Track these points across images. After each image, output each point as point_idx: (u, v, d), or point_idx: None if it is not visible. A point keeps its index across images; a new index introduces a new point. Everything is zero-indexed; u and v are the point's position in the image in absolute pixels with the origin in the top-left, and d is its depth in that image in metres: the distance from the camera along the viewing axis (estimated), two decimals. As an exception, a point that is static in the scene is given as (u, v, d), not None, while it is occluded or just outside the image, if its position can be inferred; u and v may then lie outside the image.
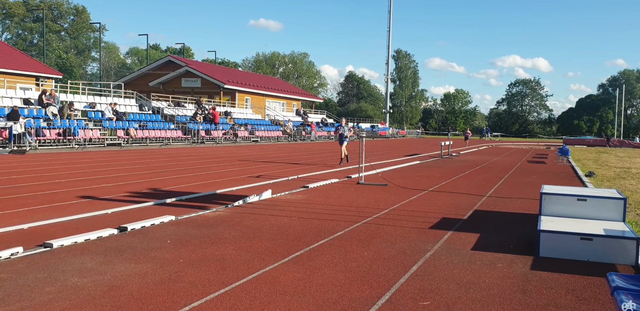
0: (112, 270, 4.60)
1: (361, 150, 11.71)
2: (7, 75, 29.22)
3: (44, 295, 3.92)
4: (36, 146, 20.28)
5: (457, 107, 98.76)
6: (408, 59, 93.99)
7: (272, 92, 49.03)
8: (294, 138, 39.71)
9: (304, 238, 6.00)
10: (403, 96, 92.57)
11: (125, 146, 24.48)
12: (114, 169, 13.71)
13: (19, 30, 76.43)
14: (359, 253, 5.35)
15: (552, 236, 5.45)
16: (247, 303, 3.84)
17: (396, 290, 4.20)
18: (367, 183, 11.49)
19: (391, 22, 68.69)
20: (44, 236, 5.77)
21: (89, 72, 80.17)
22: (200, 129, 30.01)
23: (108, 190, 9.55)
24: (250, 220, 6.99)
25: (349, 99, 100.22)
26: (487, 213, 8.06)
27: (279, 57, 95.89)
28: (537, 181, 13.02)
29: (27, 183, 10.26)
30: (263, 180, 11.76)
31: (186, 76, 42.89)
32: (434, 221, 7.24)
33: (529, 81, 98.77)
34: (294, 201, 8.83)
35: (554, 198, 6.59)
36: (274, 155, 21.36)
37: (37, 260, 4.86)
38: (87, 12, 78.99)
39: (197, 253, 5.24)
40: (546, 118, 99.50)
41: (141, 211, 7.52)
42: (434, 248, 5.63)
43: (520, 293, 4.22)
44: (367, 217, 7.39)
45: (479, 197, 9.83)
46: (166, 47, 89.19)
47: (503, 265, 5.04)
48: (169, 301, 3.84)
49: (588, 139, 50.44)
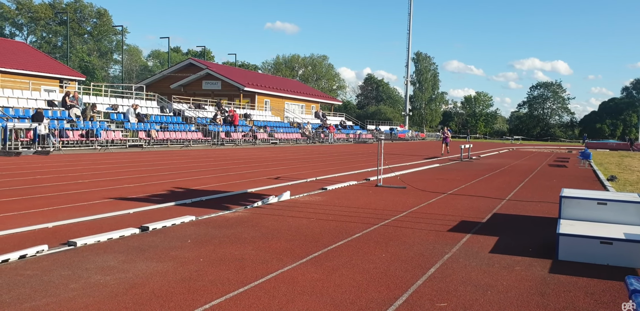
0: (134, 268, 4.69)
1: (380, 152, 11.73)
2: (32, 77, 29.79)
3: (69, 291, 4.02)
4: (60, 147, 20.64)
5: (478, 110, 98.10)
6: (428, 61, 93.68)
7: (291, 94, 49.21)
8: (313, 140, 39.81)
9: (322, 239, 6.04)
10: (423, 98, 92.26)
11: (146, 147, 24.78)
12: (136, 170, 13.91)
13: (43, 33, 77.80)
14: (376, 255, 5.38)
15: (571, 239, 5.42)
16: (265, 302, 3.90)
17: (413, 292, 4.23)
18: (385, 186, 11.50)
19: (411, 25, 68.57)
20: (68, 234, 5.90)
21: (111, 74, 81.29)
22: (220, 131, 30.25)
23: (130, 190, 9.70)
24: (269, 221, 7.06)
25: (368, 102, 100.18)
26: (506, 216, 8.03)
27: (298, 60, 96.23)
28: (558, 184, 12.90)
29: (52, 183, 10.46)
30: (282, 182, 11.84)
31: (207, 79, 43.29)
32: (452, 224, 7.23)
33: (550, 84, 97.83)
34: (312, 202, 8.88)
35: (573, 201, 6.55)
36: (293, 157, 21.46)
37: (61, 257, 4.98)
38: (109, 15, 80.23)
39: (217, 252, 5.32)
40: (568, 121, 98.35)
41: (162, 211, 7.63)
42: (452, 251, 5.63)
43: (538, 296, 4.21)
44: (385, 219, 7.41)
45: (499, 200, 9.78)
46: (187, 50, 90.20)
47: (521, 268, 5.03)
48: (189, 299, 3.92)
49: (611, 143, 49.73)
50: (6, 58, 30.51)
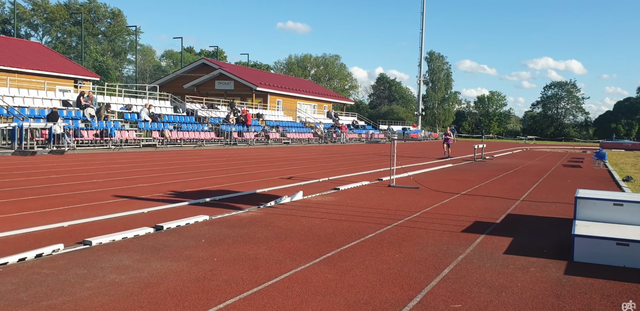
0: (148, 267, 4.72)
1: (393, 152, 11.70)
2: (48, 77, 30.09)
3: (84, 290, 4.06)
4: (74, 147, 20.83)
5: (492, 109, 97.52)
6: (441, 60, 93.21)
7: (303, 94, 49.26)
8: (325, 140, 39.81)
9: (335, 239, 6.04)
10: (436, 98, 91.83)
11: (160, 147, 24.93)
12: (150, 169, 14.00)
13: (58, 33, 78.53)
14: (390, 255, 5.37)
15: (587, 241, 5.37)
16: (279, 302, 3.90)
17: (427, 293, 4.21)
18: (398, 186, 11.47)
19: (424, 24, 68.34)
20: (83, 233, 5.95)
21: (125, 74, 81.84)
22: (232, 130, 30.36)
23: (144, 190, 9.77)
24: (282, 221, 7.07)
25: (380, 102, 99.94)
26: (520, 217, 7.97)
27: (310, 60, 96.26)
28: (573, 185, 12.79)
29: (67, 182, 10.56)
30: (294, 182, 11.85)
31: (219, 79, 43.46)
32: (466, 224, 7.20)
33: (564, 84, 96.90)
34: (325, 202, 8.88)
35: (589, 202, 6.49)
36: (305, 157, 21.48)
37: (77, 256, 5.03)
38: (123, 16, 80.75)
39: (231, 252, 5.34)
40: (582, 121, 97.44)
41: (176, 210, 7.67)
42: (466, 252, 5.61)
43: (554, 298, 4.18)
44: (398, 220, 7.39)
45: (513, 201, 9.72)
46: (200, 50, 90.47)
47: (536, 269, 4.99)
48: (203, 298, 3.94)
49: (626, 143, 49.17)
50: (22, 58, 30.85)
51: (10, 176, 11.51)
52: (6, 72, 27.98)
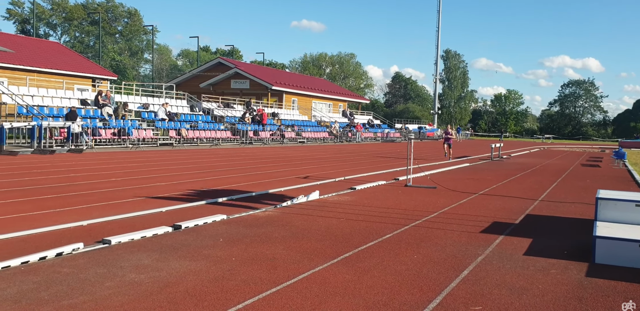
0: (167, 266, 4.74)
1: (410, 152, 11.64)
2: (66, 76, 30.39)
3: (104, 289, 4.08)
4: (92, 145, 21.02)
5: (508, 108, 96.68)
6: (457, 59, 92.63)
7: (318, 93, 49.22)
8: (340, 139, 39.76)
9: (353, 239, 6.02)
10: (452, 96, 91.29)
11: (177, 145, 25.07)
12: (167, 168, 14.08)
13: (76, 33, 79.31)
14: (408, 256, 5.33)
15: (608, 242, 5.29)
16: (298, 302, 3.89)
17: (447, 294, 4.18)
18: (415, 186, 11.41)
19: (440, 22, 67.94)
20: (102, 232, 6.00)
21: (141, 73, 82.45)
22: (248, 130, 30.44)
23: (162, 189, 9.82)
24: (299, 221, 7.07)
25: (396, 100, 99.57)
26: (539, 218, 7.88)
27: (325, 58, 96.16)
28: (592, 185, 12.63)
29: (85, 181, 10.65)
30: (310, 181, 11.85)
31: (235, 78, 43.58)
32: (484, 225, 7.13)
33: (582, 82, 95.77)
34: (341, 202, 8.86)
35: (610, 203, 6.40)
36: (320, 156, 21.46)
37: (96, 255, 5.06)
38: (139, 15, 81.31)
39: (249, 251, 5.34)
40: (600, 120, 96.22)
41: (193, 209, 7.71)
42: (485, 253, 5.55)
43: (576, 301, 4.12)
44: (416, 220, 7.35)
45: (531, 201, 9.62)
46: (216, 49, 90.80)
47: (557, 271, 4.93)
48: (222, 298, 3.94)
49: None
50: (41, 58, 31.19)
51: (30, 174, 11.64)
52: (26, 72, 28.31)
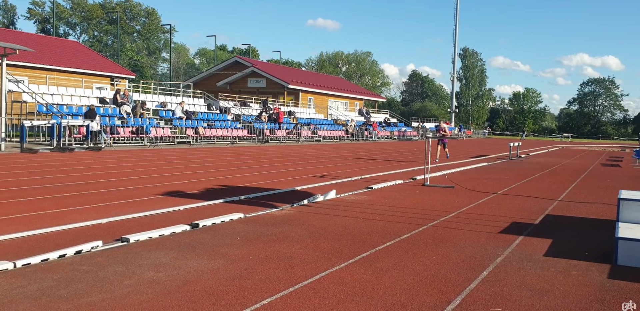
0: (185, 265, 4.75)
1: (427, 151, 11.56)
2: (85, 75, 30.72)
3: (123, 287, 4.10)
4: (111, 144, 21.21)
5: (527, 107, 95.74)
6: (475, 57, 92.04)
7: (334, 91, 49.16)
8: (356, 138, 39.67)
9: (370, 239, 5.99)
10: (469, 95, 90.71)
11: (194, 144, 25.20)
12: (184, 166, 14.15)
13: (95, 32, 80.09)
14: (427, 256, 5.29)
15: (631, 244, 5.19)
16: (316, 302, 3.88)
17: (466, 295, 4.13)
18: (433, 185, 11.33)
19: (457, 20, 67.49)
20: (121, 230, 6.03)
21: (159, 72, 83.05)
22: (265, 128, 30.50)
23: (179, 187, 9.87)
24: (316, 220, 7.05)
25: (412, 99, 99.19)
26: (559, 218, 7.78)
27: (341, 57, 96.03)
28: (612, 185, 12.44)
29: (104, 179, 10.74)
30: (326, 180, 11.82)
31: (252, 77, 43.69)
32: (503, 225, 7.05)
33: (602, 80, 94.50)
34: (358, 201, 8.83)
35: (633, 203, 6.29)
36: (337, 155, 21.43)
37: (115, 253, 5.09)
38: (157, 14, 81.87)
39: (266, 250, 5.33)
40: (621, 119, 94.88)
41: (211, 208, 7.73)
42: (504, 253, 5.49)
43: (598, 303, 4.05)
44: (434, 220, 7.29)
45: (551, 201, 9.50)
46: (232, 48, 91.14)
47: (578, 273, 4.85)
48: (240, 297, 3.93)
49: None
50: (61, 57, 31.55)
51: (50, 172, 11.77)
52: (46, 71, 28.67)
